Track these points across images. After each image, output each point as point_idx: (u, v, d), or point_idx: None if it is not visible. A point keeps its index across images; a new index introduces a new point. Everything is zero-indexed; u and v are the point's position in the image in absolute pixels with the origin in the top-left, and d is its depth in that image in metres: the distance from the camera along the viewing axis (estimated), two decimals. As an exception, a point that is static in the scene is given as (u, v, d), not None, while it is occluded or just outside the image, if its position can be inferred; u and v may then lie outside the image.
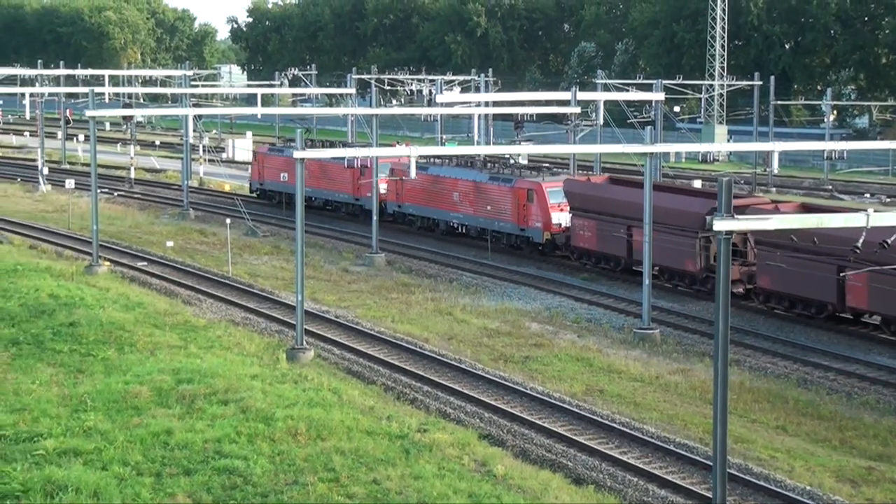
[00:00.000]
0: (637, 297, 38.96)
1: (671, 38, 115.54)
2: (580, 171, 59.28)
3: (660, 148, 41.21)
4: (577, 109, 57.02)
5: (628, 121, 68.19)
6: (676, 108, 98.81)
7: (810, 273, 35.98)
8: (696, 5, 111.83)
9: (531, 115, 58.36)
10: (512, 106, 64.98)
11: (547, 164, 63.04)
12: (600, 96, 60.86)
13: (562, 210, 47.85)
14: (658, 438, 26.67)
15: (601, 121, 57.55)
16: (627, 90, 74.86)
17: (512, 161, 52.24)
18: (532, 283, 44.66)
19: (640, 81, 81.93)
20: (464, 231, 53.17)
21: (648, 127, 39.57)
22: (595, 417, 28.05)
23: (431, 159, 54.04)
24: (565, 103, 59.10)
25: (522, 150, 54.67)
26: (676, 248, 41.11)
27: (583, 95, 59.86)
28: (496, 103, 67.23)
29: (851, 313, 36.87)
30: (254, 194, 67.11)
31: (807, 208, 39.19)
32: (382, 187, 55.11)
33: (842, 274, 35.16)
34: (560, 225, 47.99)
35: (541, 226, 48.52)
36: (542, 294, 42.92)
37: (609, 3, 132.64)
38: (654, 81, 70.91)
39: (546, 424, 27.69)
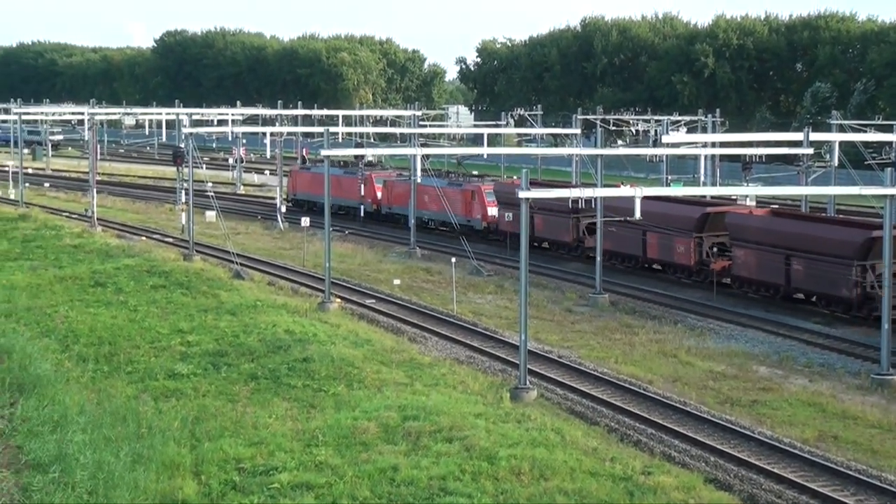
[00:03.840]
0: (874, 342, 37.58)
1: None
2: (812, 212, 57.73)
3: (900, 190, 39.72)
4: (810, 150, 55.54)
5: (865, 162, 65.89)
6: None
7: (627, 236, 52.95)
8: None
9: (760, 156, 57.12)
10: (740, 147, 63.70)
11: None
12: (835, 137, 58.94)
13: (495, 205, 63.91)
14: (898, 488, 25.61)
15: (836, 162, 55.84)
16: (865, 131, 72.34)
17: (464, 171, 72.58)
18: (760, 325, 43.62)
19: (878, 122, 79.10)
20: (432, 224, 69.10)
21: (889, 169, 38.08)
22: (828, 464, 27.12)
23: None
24: (797, 144, 57.69)
25: (751, 192, 53.78)
26: (557, 226, 59.33)
27: (816, 136, 58.24)
28: (723, 144, 66.04)
29: (650, 263, 54.09)
30: (289, 203, 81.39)
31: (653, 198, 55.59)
32: (379, 194, 73.54)
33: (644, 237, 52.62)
34: (493, 216, 64.31)
35: (480, 217, 65.66)
36: (770, 337, 41.87)
37: (845, 43, 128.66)
38: (895, 122, 68.38)
39: (776, 470, 26.91)
